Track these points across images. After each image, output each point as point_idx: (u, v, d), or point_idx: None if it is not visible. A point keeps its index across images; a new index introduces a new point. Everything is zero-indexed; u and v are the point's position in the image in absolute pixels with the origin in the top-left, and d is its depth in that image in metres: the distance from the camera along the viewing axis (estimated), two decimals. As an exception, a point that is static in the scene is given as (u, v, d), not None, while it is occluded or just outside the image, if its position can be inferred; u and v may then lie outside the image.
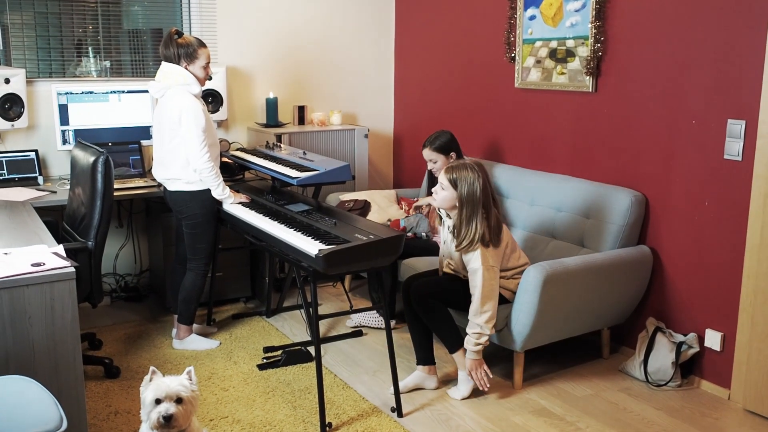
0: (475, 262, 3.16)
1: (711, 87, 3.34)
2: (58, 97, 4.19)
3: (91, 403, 3.20)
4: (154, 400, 2.29)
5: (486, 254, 3.16)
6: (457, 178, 3.15)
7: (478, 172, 3.15)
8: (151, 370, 2.35)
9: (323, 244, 2.97)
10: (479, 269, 3.15)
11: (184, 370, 2.41)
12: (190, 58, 3.55)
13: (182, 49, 3.54)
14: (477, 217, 3.13)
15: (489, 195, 3.18)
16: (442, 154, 3.98)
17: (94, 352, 3.77)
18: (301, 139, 4.75)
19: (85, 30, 4.49)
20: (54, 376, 2.41)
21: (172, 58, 3.55)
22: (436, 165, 4.02)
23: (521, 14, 4.24)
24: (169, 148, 3.57)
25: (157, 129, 3.66)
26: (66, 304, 2.41)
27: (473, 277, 3.19)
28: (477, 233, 3.12)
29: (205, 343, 3.83)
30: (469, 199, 3.13)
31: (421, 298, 3.31)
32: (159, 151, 3.65)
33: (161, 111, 3.58)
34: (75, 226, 3.33)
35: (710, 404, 3.33)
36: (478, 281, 3.16)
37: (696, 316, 3.50)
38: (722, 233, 3.35)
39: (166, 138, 3.57)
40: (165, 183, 3.68)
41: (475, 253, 3.16)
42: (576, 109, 4.02)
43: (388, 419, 3.14)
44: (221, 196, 3.63)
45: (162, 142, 3.61)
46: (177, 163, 3.56)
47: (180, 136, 3.50)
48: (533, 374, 3.59)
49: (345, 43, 5.25)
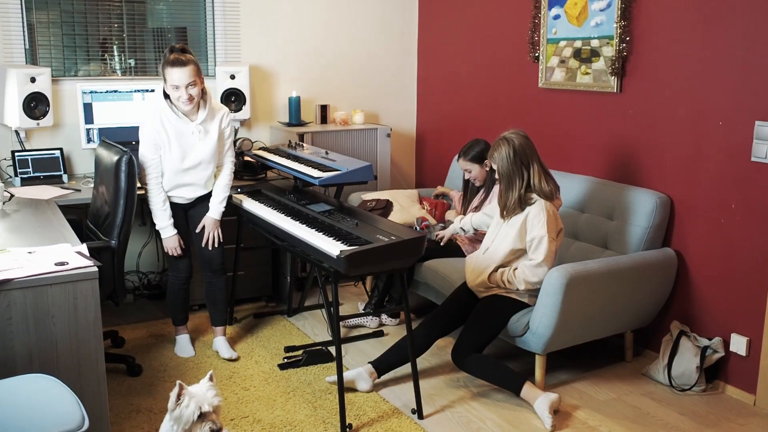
0: (541, 229, 3.19)
1: (738, 88, 3.29)
2: (83, 96, 4.23)
3: (113, 401, 3.23)
4: (198, 414, 2.24)
5: (552, 216, 3.22)
6: (495, 157, 3.29)
7: (509, 140, 3.26)
8: (179, 384, 2.26)
9: (345, 245, 2.97)
10: (545, 237, 3.19)
11: (202, 372, 2.42)
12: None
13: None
14: (515, 183, 3.25)
15: (529, 158, 3.26)
16: (476, 164, 3.99)
17: (117, 349, 3.80)
18: (323, 138, 4.75)
19: (111, 28, 4.53)
20: (76, 374, 2.43)
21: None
22: (471, 174, 4.04)
23: (545, 13, 4.20)
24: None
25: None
26: (89, 304, 2.42)
27: (538, 247, 3.22)
28: (517, 195, 3.24)
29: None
30: (504, 172, 3.27)
31: (470, 361, 3.33)
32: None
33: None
34: (98, 225, 3.36)
35: (735, 410, 3.28)
36: (543, 249, 3.21)
37: (721, 320, 3.45)
38: (748, 236, 3.30)
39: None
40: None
41: (539, 217, 3.19)
42: (600, 109, 3.97)
43: (409, 421, 3.13)
44: (157, 226, 3.59)
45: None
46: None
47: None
48: (555, 377, 3.56)
49: (368, 42, 5.24)
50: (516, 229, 3.30)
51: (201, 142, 3.50)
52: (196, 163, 3.53)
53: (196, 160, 3.52)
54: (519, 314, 3.36)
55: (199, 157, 3.52)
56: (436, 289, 3.90)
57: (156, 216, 3.55)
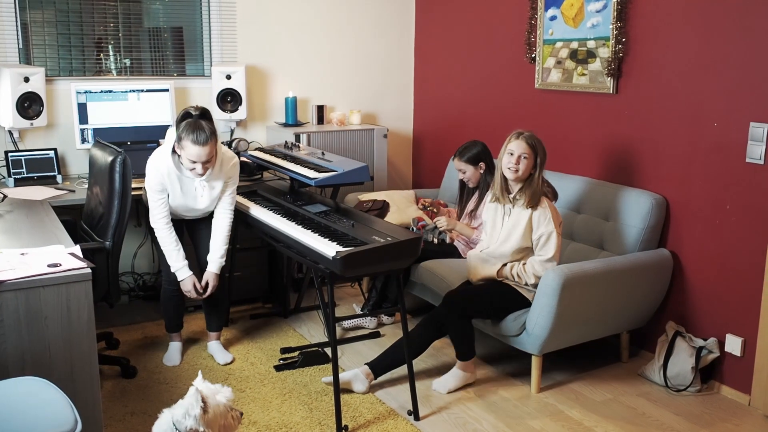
0: (548, 225, 3.29)
1: (733, 90, 3.28)
2: (78, 96, 4.21)
3: (108, 403, 3.22)
4: (229, 405, 2.36)
5: (555, 212, 3.33)
6: (535, 144, 3.34)
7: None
8: (200, 394, 2.29)
9: (341, 246, 2.96)
10: (553, 232, 3.29)
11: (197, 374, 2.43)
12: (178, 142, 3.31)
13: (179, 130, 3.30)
14: (542, 173, 3.36)
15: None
16: (471, 165, 3.99)
17: (111, 351, 3.78)
18: (320, 139, 4.74)
19: (106, 28, 4.51)
20: (69, 377, 2.41)
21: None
22: (465, 175, 4.03)
23: (542, 14, 4.19)
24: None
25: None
26: (82, 305, 2.41)
27: (546, 243, 3.31)
28: (542, 186, 3.34)
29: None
30: (543, 157, 3.36)
31: (461, 313, 3.38)
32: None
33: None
34: (93, 226, 3.34)
35: (730, 410, 3.28)
36: (552, 244, 3.30)
37: (716, 320, 3.45)
38: (743, 237, 3.30)
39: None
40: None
41: (545, 213, 3.29)
42: (596, 110, 3.97)
43: (405, 422, 3.13)
44: (172, 268, 3.50)
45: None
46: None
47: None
48: (551, 378, 3.56)
49: (365, 43, 5.24)
50: (521, 227, 3.32)
51: (205, 193, 3.49)
52: (199, 208, 3.55)
53: (200, 206, 3.54)
54: (516, 314, 3.37)
55: (202, 204, 3.53)
56: (432, 290, 3.89)
57: (170, 257, 3.48)
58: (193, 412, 2.24)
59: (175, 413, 2.29)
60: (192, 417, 2.24)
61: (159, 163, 3.41)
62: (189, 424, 2.24)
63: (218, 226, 3.56)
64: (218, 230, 3.56)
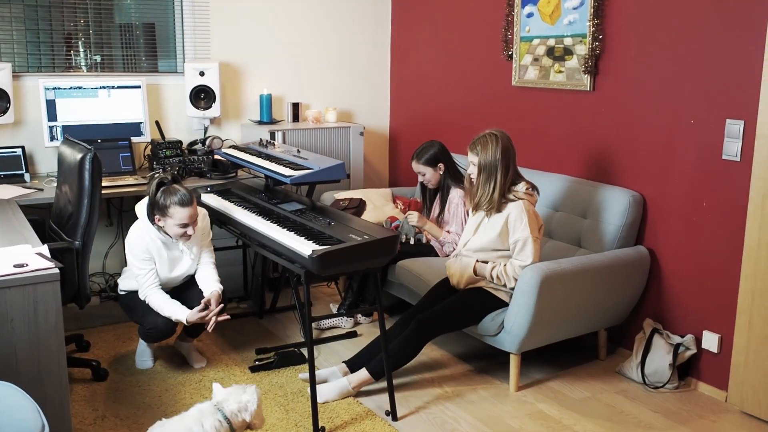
0: (524, 231, 3.21)
1: (710, 87, 3.29)
2: (46, 92, 4.12)
3: (77, 407, 3.14)
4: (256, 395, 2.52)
5: (533, 216, 3.25)
6: (479, 150, 3.27)
7: (498, 137, 3.26)
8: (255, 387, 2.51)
9: (317, 244, 2.91)
10: (529, 238, 3.22)
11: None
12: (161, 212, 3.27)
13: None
14: (494, 178, 3.25)
15: (511, 160, 3.29)
16: (430, 167, 3.96)
17: (82, 354, 3.70)
18: (295, 137, 4.69)
19: (76, 24, 4.41)
20: (37, 381, 2.34)
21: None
22: (425, 177, 4.01)
23: (519, 11, 4.18)
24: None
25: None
26: (50, 307, 2.34)
27: (523, 249, 3.24)
28: (498, 190, 3.24)
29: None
30: (493, 160, 3.24)
31: (424, 331, 3.32)
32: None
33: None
34: (62, 225, 3.26)
35: (707, 406, 3.29)
36: (529, 251, 3.23)
37: (693, 317, 3.46)
38: (720, 234, 3.31)
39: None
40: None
41: (521, 217, 3.21)
42: (573, 107, 3.96)
43: (383, 423, 3.09)
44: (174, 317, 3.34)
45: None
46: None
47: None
48: (529, 377, 3.54)
49: (340, 39, 5.19)
50: (496, 231, 3.29)
51: (188, 257, 3.44)
52: (182, 273, 3.47)
53: (184, 267, 3.46)
54: (493, 314, 3.35)
55: (186, 265, 3.46)
56: (410, 289, 3.87)
57: (169, 312, 3.30)
58: (251, 408, 2.45)
59: (228, 406, 2.43)
60: (249, 412, 2.45)
61: (142, 232, 3.35)
62: (244, 417, 2.45)
63: (206, 273, 3.47)
64: (207, 273, 3.47)
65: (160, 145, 4.33)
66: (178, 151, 4.37)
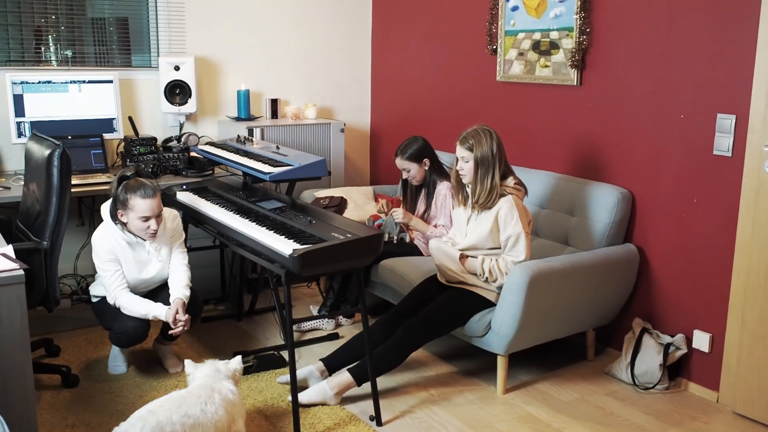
0: (516, 226, 3.15)
1: (700, 81, 3.23)
2: (13, 87, 3.96)
3: (46, 415, 3.00)
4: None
5: (522, 211, 3.19)
6: (473, 145, 3.19)
7: (491, 132, 3.21)
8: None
9: (298, 243, 2.80)
10: (521, 233, 3.16)
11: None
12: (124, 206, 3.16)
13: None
14: (491, 173, 3.19)
15: (504, 154, 3.24)
16: (415, 163, 3.89)
17: (51, 359, 3.55)
18: (274, 133, 4.58)
19: (47, 18, 4.25)
20: (1, 389, 2.21)
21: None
22: (409, 174, 3.94)
23: (503, 5, 4.10)
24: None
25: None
26: (14, 311, 2.21)
27: (516, 245, 3.18)
28: (496, 185, 3.18)
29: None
30: (488, 155, 3.18)
31: (413, 339, 3.24)
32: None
33: None
34: (29, 225, 3.12)
35: (699, 407, 3.23)
36: (522, 246, 3.17)
37: (684, 316, 3.40)
38: (711, 231, 3.25)
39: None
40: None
41: (512, 212, 3.15)
42: (560, 103, 3.89)
43: (367, 428, 2.99)
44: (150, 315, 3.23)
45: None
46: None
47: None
48: (517, 378, 3.46)
49: (320, 34, 5.08)
50: (487, 228, 3.21)
51: (156, 259, 3.32)
52: (152, 275, 3.33)
53: (154, 271, 3.33)
54: (480, 314, 3.26)
55: (155, 269, 3.33)
56: (393, 289, 3.77)
57: (145, 311, 3.19)
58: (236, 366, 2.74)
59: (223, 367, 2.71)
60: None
61: (106, 234, 3.23)
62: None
63: (176, 274, 3.34)
64: (177, 275, 3.34)
65: (134, 142, 4.19)
66: (152, 148, 4.24)
